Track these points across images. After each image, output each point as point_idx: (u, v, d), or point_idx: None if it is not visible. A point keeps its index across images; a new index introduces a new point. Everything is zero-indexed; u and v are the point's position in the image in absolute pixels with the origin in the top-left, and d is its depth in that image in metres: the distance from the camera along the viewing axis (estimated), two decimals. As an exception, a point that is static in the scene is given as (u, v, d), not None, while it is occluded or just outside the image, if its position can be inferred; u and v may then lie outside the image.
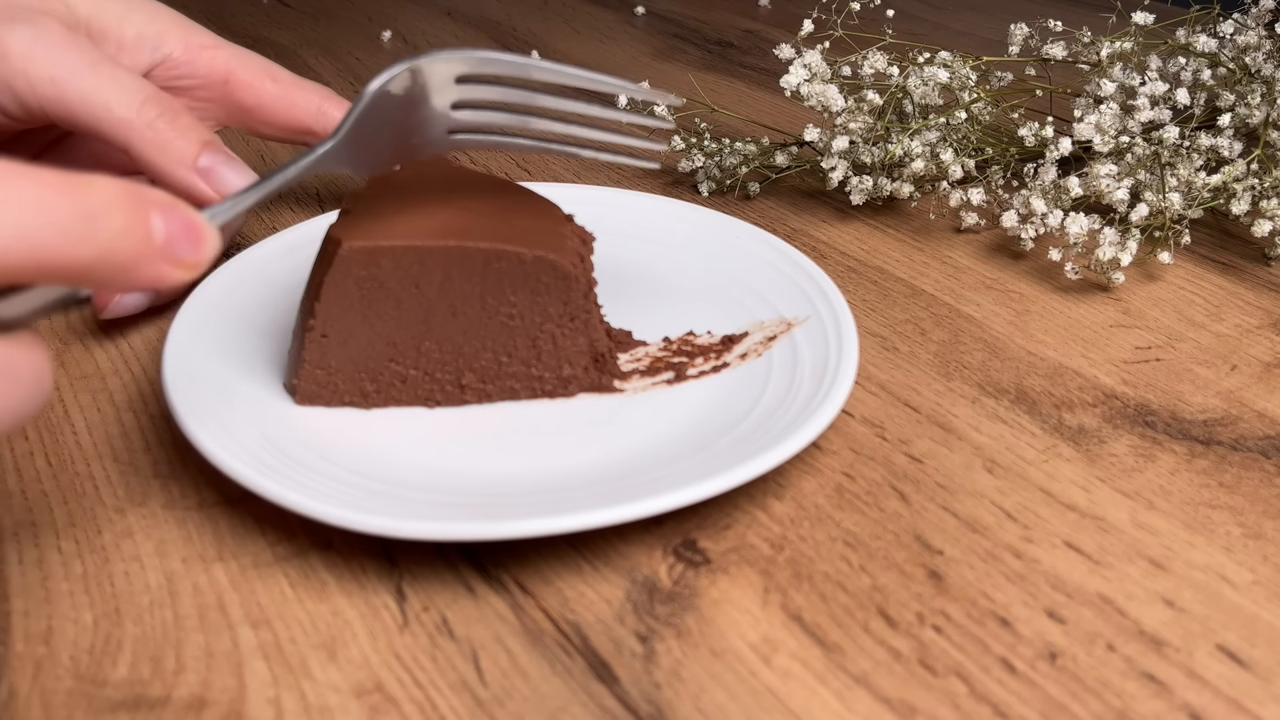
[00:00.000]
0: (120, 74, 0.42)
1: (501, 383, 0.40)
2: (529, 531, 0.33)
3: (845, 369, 0.39)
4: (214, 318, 0.42)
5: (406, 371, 0.39)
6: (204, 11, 0.94)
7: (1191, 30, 0.57)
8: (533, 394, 0.41)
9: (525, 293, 0.39)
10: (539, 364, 0.40)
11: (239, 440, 0.36)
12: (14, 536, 0.36)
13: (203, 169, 0.43)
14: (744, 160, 0.60)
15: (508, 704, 0.30)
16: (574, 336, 0.40)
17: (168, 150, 0.43)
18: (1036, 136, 0.55)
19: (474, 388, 0.40)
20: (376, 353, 0.39)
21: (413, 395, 0.40)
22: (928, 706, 0.30)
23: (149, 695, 0.30)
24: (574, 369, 0.40)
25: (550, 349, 0.40)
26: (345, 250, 0.37)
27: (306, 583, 0.34)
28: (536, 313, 0.39)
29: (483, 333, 0.39)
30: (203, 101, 0.49)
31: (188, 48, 0.47)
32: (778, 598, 0.34)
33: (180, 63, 0.47)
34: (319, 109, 0.50)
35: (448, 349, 0.39)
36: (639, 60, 0.85)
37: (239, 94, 0.48)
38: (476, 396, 0.40)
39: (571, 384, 0.41)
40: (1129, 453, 0.40)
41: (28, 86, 0.41)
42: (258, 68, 0.49)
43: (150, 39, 0.46)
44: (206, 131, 0.44)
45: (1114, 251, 0.49)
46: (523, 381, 0.40)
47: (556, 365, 0.40)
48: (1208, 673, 0.31)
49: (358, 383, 0.39)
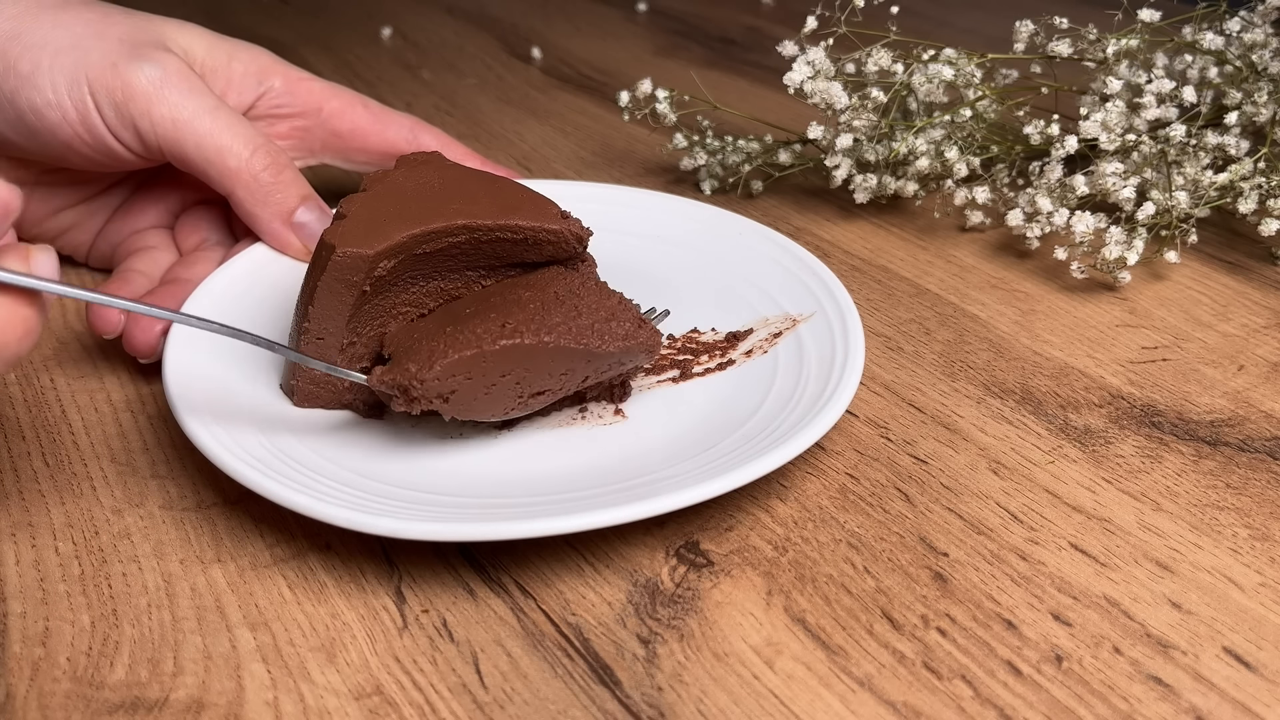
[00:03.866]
0: (236, 122, 0.45)
1: (562, 327, 0.37)
2: (529, 532, 0.32)
3: (851, 368, 0.39)
4: (215, 317, 0.42)
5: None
6: (205, 9, 0.94)
7: (1198, 28, 0.56)
8: (592, 339, 0.38)
9: (531, 259, 0.38)
10: (579, 318, 0.38)
11: (239, 440, 0.36)
12: (11, 537, 0.36)
13: (297, 224, 0.46)
14: (747, 158, 0.60)
15: (508, 707, 0.30)
16: (603, 296, 0.39)
17: (268, 203, 0.45)
18: (1042, 134, 0.55)
19: (521, 329, 0.37)
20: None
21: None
22: (932, 710, 0.30)
23: (147, 697, 0.30)
24: (621, 324, 0.39)
25: (587, 303, 0.39)
26: (338, 255, 0.37)
27: (305, 584, 0.34)
28: (550, 274, 0.39)
29: (510, 296, 0.38)
30: (301, 130, 0.51)
31: (287, 80, 0.50)
32: (781, 600, 0.33)
33: (281, 93, 0.50)
34: (410, 133, 0.52)
35: (491, 305, 0.38)
36: (641, 57, 0.85)
37: (334, 121, 0.51)
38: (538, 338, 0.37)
39: (632, 340, 0.39)
40: (1135, 454, 0.40)
41: (150, 126, 0.44)
42: (351, 97, 0.52)
43: (255, 74, 0.49)
44: (306, 186, 0.46)
45: (1120, 250, 0.49)
46: (574, 336, 0.37)
47: (604, 320, 0.38)
48: (1214, 675, 0.31)
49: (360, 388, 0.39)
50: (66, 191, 0.49)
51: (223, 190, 0.45)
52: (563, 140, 0.69)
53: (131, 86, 0.43)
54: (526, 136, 0.69)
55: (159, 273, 0.47)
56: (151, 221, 0.50)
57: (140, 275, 0.46)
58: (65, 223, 0.50)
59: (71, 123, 0.43)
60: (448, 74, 0.81)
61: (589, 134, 0.70)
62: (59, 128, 0.43)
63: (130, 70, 0.43)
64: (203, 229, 0.49)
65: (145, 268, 0.47)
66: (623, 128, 0.70)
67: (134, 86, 0.43)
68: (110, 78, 0.43)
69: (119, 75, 0.43)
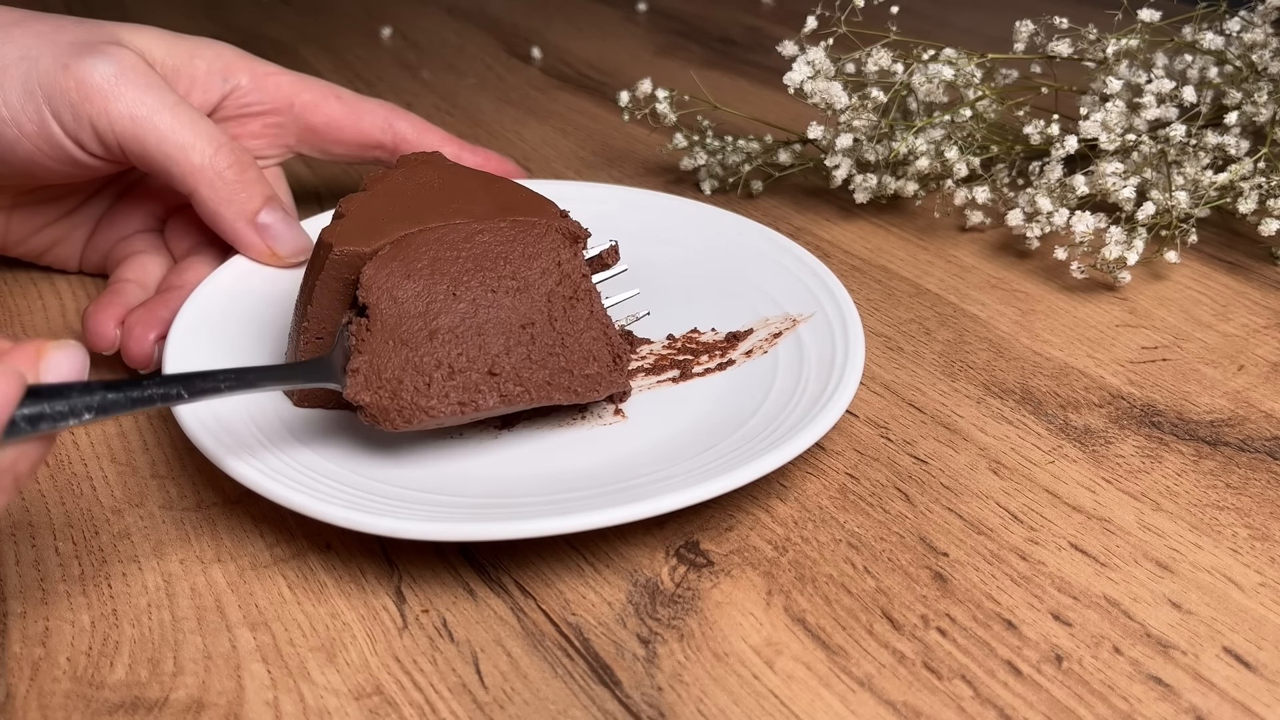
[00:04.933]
0: (198, 120, 0.43)
1: (532, 378, 0.37)
2: (529, 532, 0.32)
3: (851, 368, 0.39)
4: (214, 317, 0.42)
5: (426, 371, 0.37)
6: (204, 8, 0.94)
7: (1198, 27, 0.56)
8: (565, 393, 0.38)
9: (518, 259, 0.38)
10: (564, 353, 0.38)
11: (239, 440, 0.36)
12: (11, 537, 0.36)
13: (261, 225, 0.45)
14: (747, 158, 0.60)
15: (508, 707, 0.30)
16: (589, 321, 0.39)
17: (232, 202, 0.44)
18: (1042, 134, 0.55)
19: (506, 380, 0.37)
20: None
21: (444, 401, 0.36)
22: (932, 710, 0.30)
23: (147, 697, 0.30)
24: (599, 365, 0.39)
25: (571, 332, 0.38)
26: (336, 254, 0.37)
27: (305, 584, 0.34)
28: (537, 276, 0.38)
29: (495, 312, 0.37)
30: (274, 127, 0.50)
31: (254, 76, 0.49)
32: (781, 600, 0.33)
33: (249, 90, 0.49)
34: (386, 121, 0.51)
35: (464, 335, 0.37)
36: (641, 57, 0.85)
37: (307, 115, 0.50)
38: (508, 396, 0.37)
39: (599, 382, 0.39)
40: (1135, 454, 0.40)
41: (108, 125, 0.42)
42: (322, 89, 0.50)
43: (219, 71, 0.48)
44: (270, 187, 0.45)
45: (1120, 250, 0.49)
46: (553, 376, 0.38)
47: (582, 360, 0.38)
48: (1214, 675, 0.31)
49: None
50: (46, 209, 0.48)
51: (185, 189, 0.44)
52: (563, 140, 0.69)
53: (86, 85, 0.42)
54: (526, 136, 0.69)
55: (151, 279, 0.46)
56: (138, 226, 0.49)
57: (133, 285, 0.45)
58: (50, 238, 0.49)
59: (30, 136, 0.42)
60: (448, 74, 0.81)
61: (589, 134, 0.70)
62: (17, 144, 0.42)
63: (83, 68, 0.42)
64: (193, 233, 0.48)
65: (137, 275, 0.46)
66: (623, 128, 0.70)
67: (88, 84, 0.42)
68: (63, 79, 0.41)
69: (71, 75, 0.41)
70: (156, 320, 0.42)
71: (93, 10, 0.93)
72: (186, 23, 0.89)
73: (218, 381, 0.33)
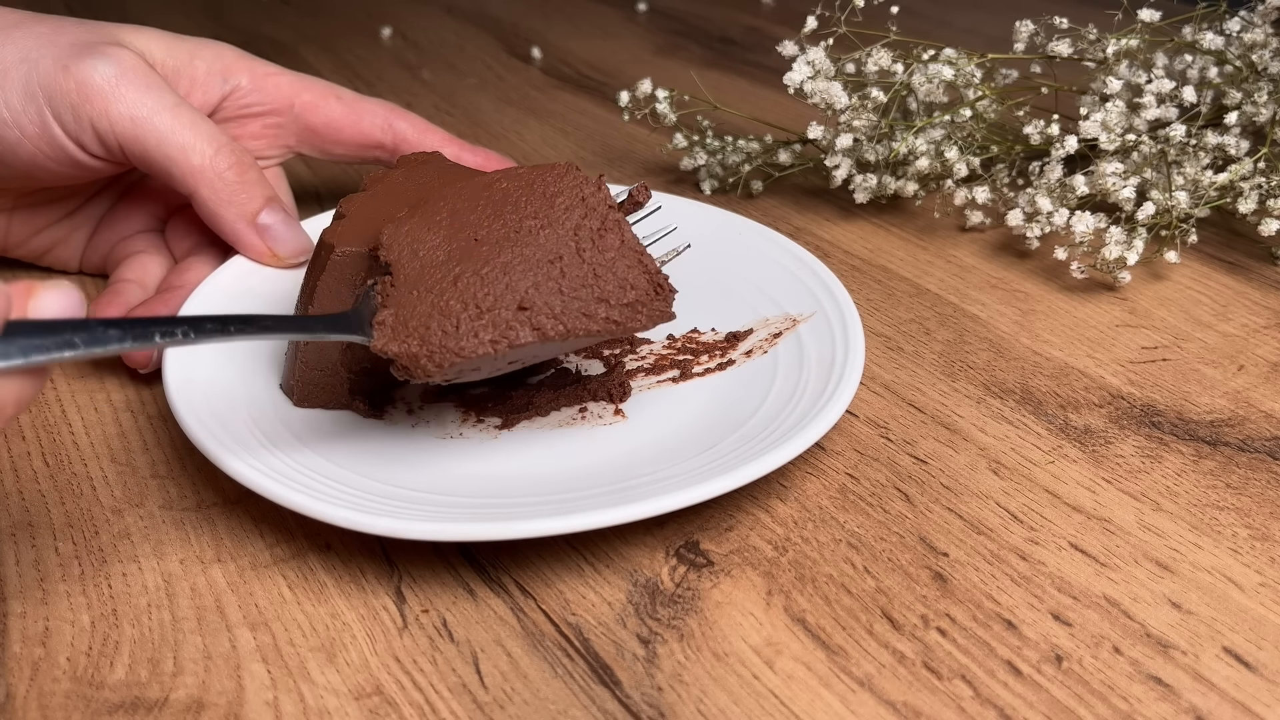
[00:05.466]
0: (199, 120, 0.43)
1: (566, 310, 0.36)
2: (529, 532, 0.32)
3: (851, 368, 0.39)
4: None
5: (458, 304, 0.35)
6: (204, 8, 0.94)
7: (1198, 27, 0.56)
8: (604, 323, 0.36)
9: (539, 199, 0.37)
10: (598, 283, 0.37)
11: (239, 440, 0.36)
12: (11, 537, 0.36)
13: (261, 225, 0.45)
14: (747, 158, 0.60)
15: (508, 707, 0.30)
16: (621, 250, 0.37)
17: (232, 203, 0.44)
18: (1042, 134, 0.55)
19: (539, 313, 0.36)
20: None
21: (475, 340, 0.35)
22: (932, 710, 0.30)
23: (147, 697, 0.30)
24: (637, 293, 0.37)
25: (603, 262, 0.37)
26: (338, 255, 0.37)
27: (305, 584, 0.34)
28: (561, 213, 0.37)
29: (520, 250, 0.36)
30: (274, 127, 0.50)
31: (254, 76, 0.49)
32: (781, 600, 0.33)
33: (249, 91, 0.49)
34: (386, 121, 0.51)
35: (490, 276, 0.36)
36: (641, 57, 0.85)
37: (307, 115, 0.50)
38: (541, 329, 0.35)
39: (640, 310, 0.37)
40: (1135, 454, 0.40)
41: (109, 125, 0.42)
42: (322, 89, 0.50)
43: (219, 72, 0.48)
44: (270, 188, 0.45)
45: (1120, 250, 0.49)
46: (588, 306, 0.36)
47: (618, 290, 0.37)
48: (1214, 675, 0.31)
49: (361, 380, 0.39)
50: (47, 210, 0.48)
51: (185, 190, 0.44)
52: (563, 140, 0.69)
53: (86, 85, 0.42)
54: (526, 136, 0.69)
55: (151, 279, 0.46)
56: (138, 227, 0.49)
57: (132, 285, 0.45)
58: (51, 239, 0.49)
59: (31, 138, 0.42)
60: (448, 74, 0.81)
61: (589, 134, 0.70)
62: (19, 146, 0.42)
63: (83, 69, 0.42)
64: (194, 233, 0.48)
65: (137, 275, 0.46)
66: (623, 128, 0.70)
67: (89, 85, 0.42)
68: (63, 80, 0.42)
69: (71, 76, 0.42)
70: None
71: (93, 11, 0.93)
72: (186, 23, 0.89)
73: (226, 324, 0.32)
